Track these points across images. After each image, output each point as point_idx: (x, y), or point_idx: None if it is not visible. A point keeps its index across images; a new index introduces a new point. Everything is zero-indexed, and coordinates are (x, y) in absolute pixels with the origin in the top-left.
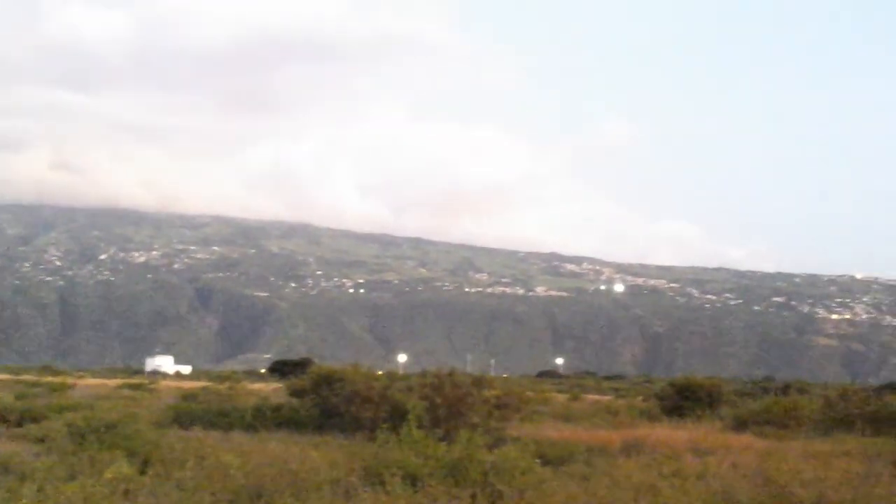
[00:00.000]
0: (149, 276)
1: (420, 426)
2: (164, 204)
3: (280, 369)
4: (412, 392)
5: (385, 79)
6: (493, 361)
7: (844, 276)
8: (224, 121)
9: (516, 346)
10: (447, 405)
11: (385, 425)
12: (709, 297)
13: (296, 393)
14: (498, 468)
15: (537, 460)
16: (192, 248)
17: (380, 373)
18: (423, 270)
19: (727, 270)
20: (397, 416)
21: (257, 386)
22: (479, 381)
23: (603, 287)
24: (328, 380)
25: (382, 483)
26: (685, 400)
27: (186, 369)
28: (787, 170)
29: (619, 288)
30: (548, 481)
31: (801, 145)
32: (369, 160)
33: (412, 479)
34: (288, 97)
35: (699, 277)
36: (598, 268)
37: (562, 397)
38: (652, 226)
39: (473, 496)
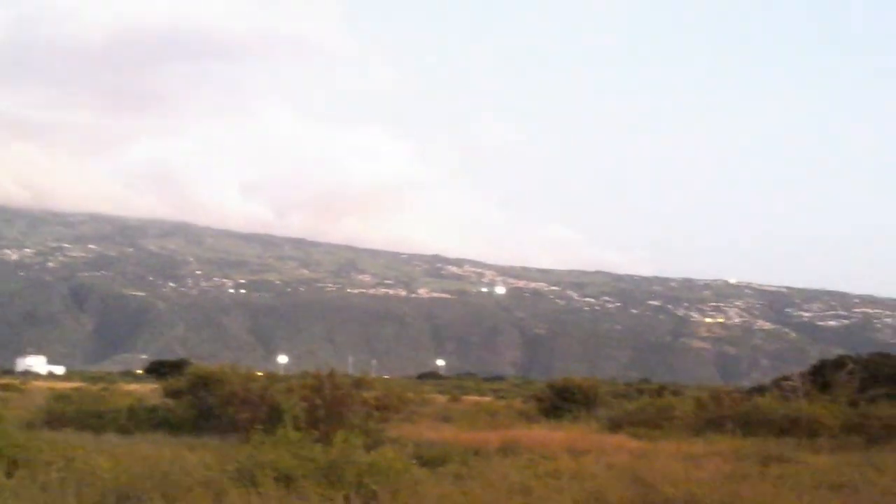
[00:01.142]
0: (21, 273)
1: (298, 427)
2: (39, 201)
3: (157, 370)
4: (292, 393)
5: (270, 78)
6: (374, 362)
7: (718, 280)
8: (104, 117)
9: (398, 347)
10: (326, 406)
11: (261, 426)
12: (588, 299)
13: (172, 394)
14: (374, 469)
15: (414, 461)
16: (67, 246)
17: (259, 374)
18: (305, 271)
19: (606, 274)
20: (276, 418)
21: (133, 387)
22: (360, 383)
23: (485, 289)
24: (205, 381)
25: (255, 484)
26: (563, 401)
27: (60, 370)
28: (667, 176)
29: (500, 290)
30: (423, 482)
31: (678, 152)
32: (252, 159)
33: (287, 480)
34: (170, 94)
35: (579, 281)
36: (480, 270)
37: (442, 398)
38: (534, 229)
39: (347, 497)
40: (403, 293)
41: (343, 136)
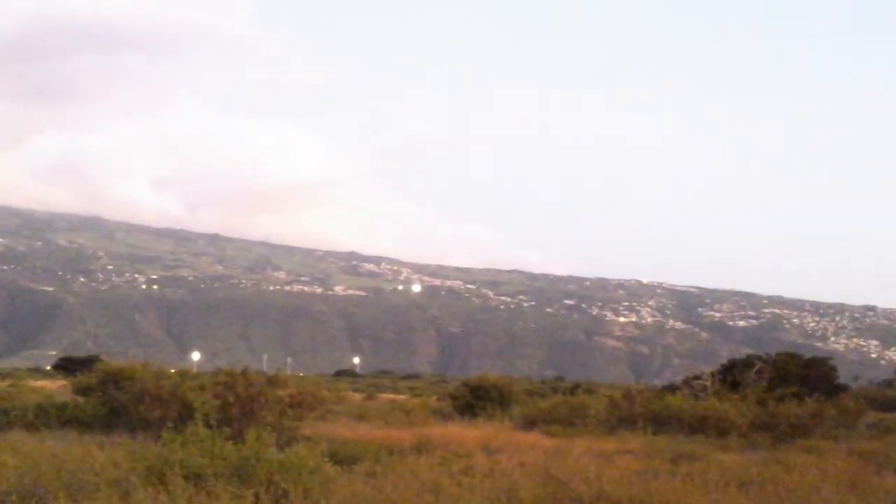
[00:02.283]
0: None
1: (210, 425)
2: None
3: (66, 367)
4: (204, 391)
5: (184, 72)
6: (289, 360)
7: (631, 280)
8: (13, 109)
9: (314, 345)
10: (239, 404)
11: (172, 424)
12: (504, 298)
13: (82, 391)
14: (285, 467)
15: (327, 459)
16: None
17: (172, 371)
18: (219, 267)
19: (522, 273)
20: (187, 416)
21: (41, 383)
22: (274, 380)
23: (401, 287)
24: (116, 378)
25: (164, 483)
26: (478, 399)
27: None
28: (582, 176)
29: (416, 288)
30: (335, 480)
31: (593, 151)
32: (166, 154)
33: (197, 479)
34: (81, 86)
35: (495, 279)
36: (396, 268)
37: (357, 396)
38: (451, 228)
39: (257, 495)
40: (319, 290)
41: (259, 131)
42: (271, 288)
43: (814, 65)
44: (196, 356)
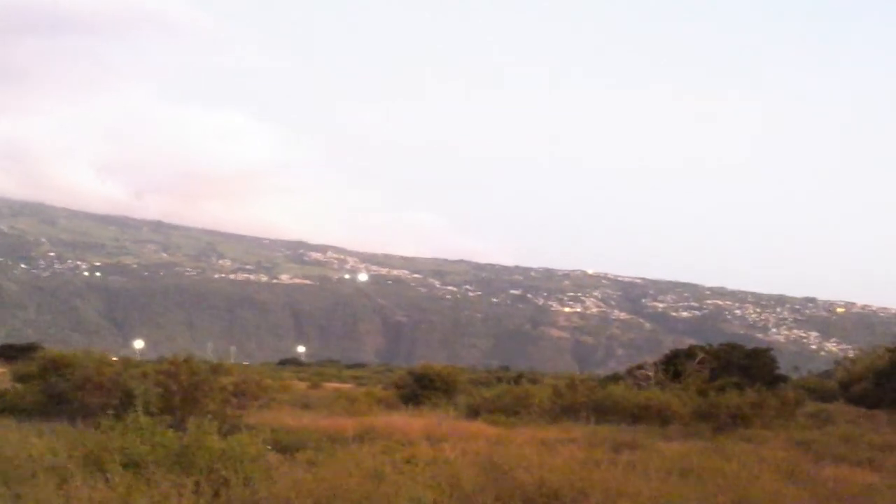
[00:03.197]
0: None
1: (152, 413)
2: None
3: (6, 354)
4: (146, 378)
5: (130, 56)
6: (234, 349)
7: (577, 271)
8: None
9: (259, 333)
10: (182, 392)
11: (113, 412)
12: (449, 288)
13: (21, 378)
14: (226, 455)
15: (269, 447)
16: None
17: (114, 359)
18: (164, 255)
19: (468, 263)
20: (129, 403)
21: None
22: (217, 369)
23: (347, 276)
24: (57, 365)
25: (103, 470)
26: (422, 388)
27: None
28: (529, 167)
29: (362, 277)
30: (277, 468)
31: (540, 142)
32: (110, 139)
33: (136, 466)
34: (24, 70)
35: (441, 269)
36: (342, 257)
37: (302, 385)
38: (398, 217)
39: (198, 483)
40: (265, 279)
41: (205, 117)
42: (216, 276)
43: (735, 56)
44: (139, 344)
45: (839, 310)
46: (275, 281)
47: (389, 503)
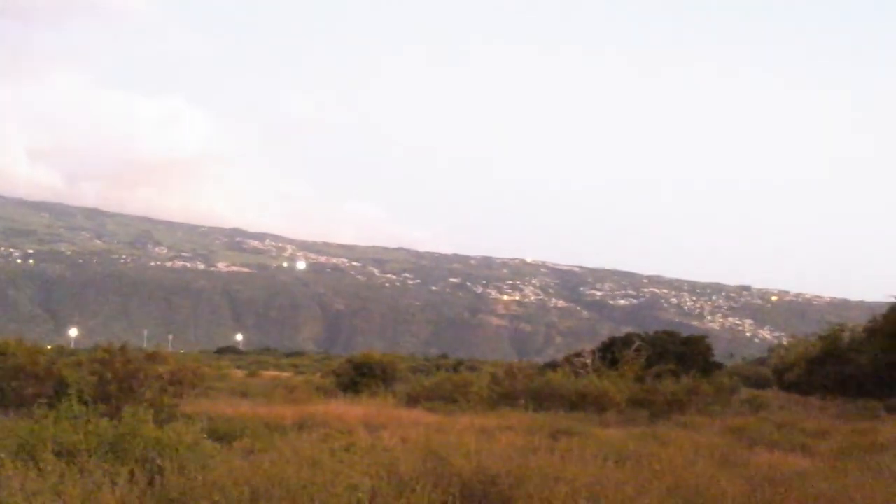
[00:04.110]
0: None
1: (86, 402)
2: None
3: None
4: (81, 367)
5: (62, 41)
6: (170, 337)
7: (516, 259)
8: None
9: (196, 321)
10: (117, 380)
11: (45, 401)
12: (389, 276)
13: None
14: (162, 444)
15: (206, 436)
16: None
17: (48, 347)
18: (98, 242)
19: (407, 251)
20: (63, 392)
21: None
22: (153, 357)
23: (285, 264)
24: None
25: (35, 459)
26: (362, 376)
27: None
28: (468, 155)
29: (301, 265)
30: (213, 456)
31: (479, 130)
32: (43, 125)
33: (69, 455)
34: None
35: (380, 257)
36: (281, 245)
37: (240, 373)
38: (337, 205)
39: (132, 472)
40: (202, 266)
41: (141, 104)
42: (153, 264)
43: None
44: (74, 333)
45: (773, 298)
46: (212, 269)
47: (327, 491)
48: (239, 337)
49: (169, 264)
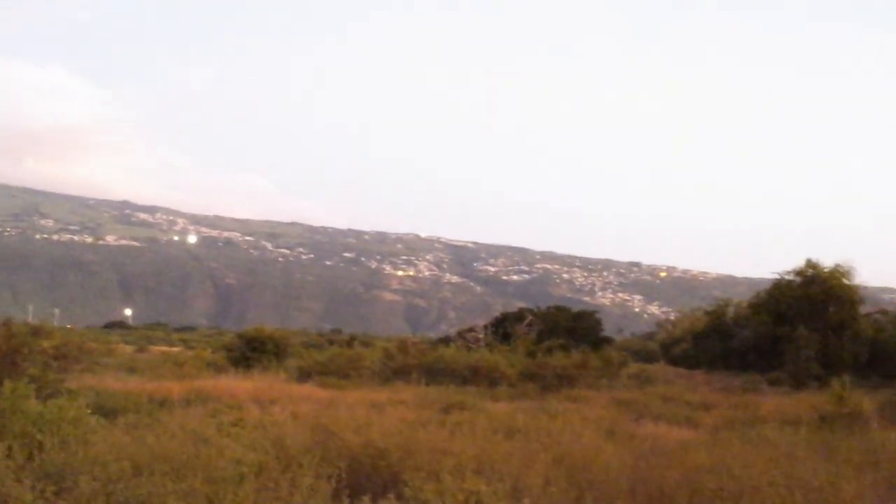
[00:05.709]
0: None
1: None
2: None
3: None
4: None
5: None
6: (57, 312)
7: (410, 234)
8: None
9: (84, 296)
10: (0, 356)
11: None
12: (282, 250)
13: None
14: (43, 419)
15: (90, 411)
16: None
17: None
18: None
19: (301, 225)
20: None
21: None
22: (38, 332)
23: (176, 238)
24: None
25: None
26: (253, 351)
27: None
28: (363, 128)
29: (192, 239)
30: (96, 431)
31: (373, 104)
32: None
33: None
34: None
35: (273, 231)
36: (171, 218)
37: (129, 349)
38: (229, 178)
39: (10, 448)
40: (90, 240)
41: (26, 73)
42: (38, 237)
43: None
44: None
45: (662, 274)
46: (100, 242)
47: (212, 465)
48: (128, 312)
49: (56, 237)
